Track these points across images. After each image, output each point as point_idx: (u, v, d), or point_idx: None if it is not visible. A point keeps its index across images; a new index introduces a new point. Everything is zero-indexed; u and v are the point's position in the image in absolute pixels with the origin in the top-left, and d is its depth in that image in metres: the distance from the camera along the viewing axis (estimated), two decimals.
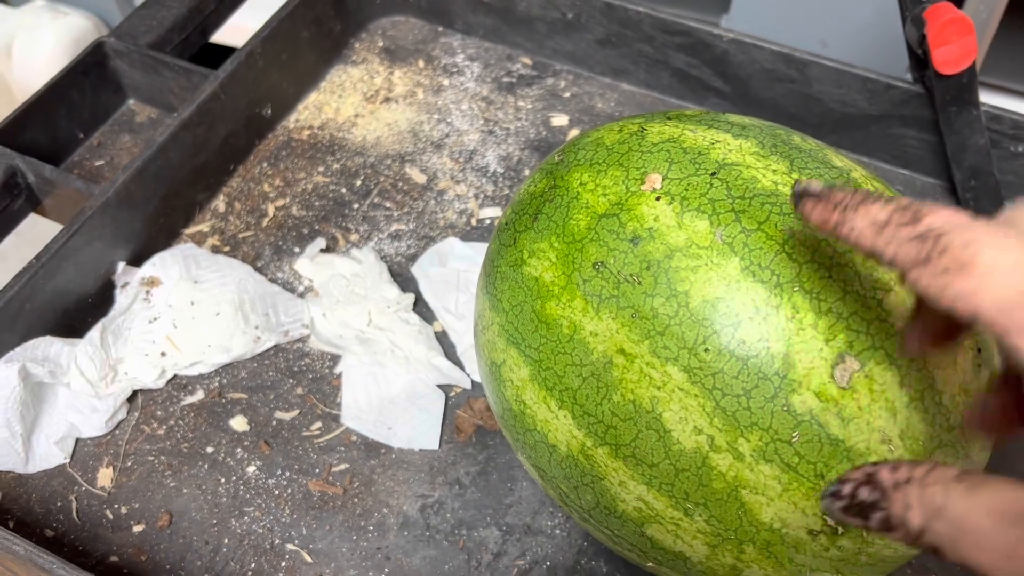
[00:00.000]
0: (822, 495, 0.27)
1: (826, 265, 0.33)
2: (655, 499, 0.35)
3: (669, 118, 0.40)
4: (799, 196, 0.29)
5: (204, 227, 0.60)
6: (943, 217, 0.25)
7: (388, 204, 0.62)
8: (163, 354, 0.53)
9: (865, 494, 0.26)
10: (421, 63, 0.71)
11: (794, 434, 0.32)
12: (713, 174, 0.35)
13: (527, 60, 0.71)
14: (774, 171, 0.35)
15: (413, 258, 0.59)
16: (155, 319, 0.54)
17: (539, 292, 0.37)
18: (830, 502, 0.27)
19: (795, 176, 0.35)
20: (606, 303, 0.35)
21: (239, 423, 0.52)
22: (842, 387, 0.32)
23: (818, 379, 0.32)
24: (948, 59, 0.54)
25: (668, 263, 0.34)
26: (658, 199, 0.35)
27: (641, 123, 0.40)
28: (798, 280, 0.33)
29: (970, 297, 0.24)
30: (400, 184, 0.63)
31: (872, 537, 0.34)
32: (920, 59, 0.57)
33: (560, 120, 0.67)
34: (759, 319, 0.32)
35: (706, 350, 0.33)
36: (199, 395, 0.53)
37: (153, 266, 0.56)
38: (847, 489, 0.26)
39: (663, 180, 0.36)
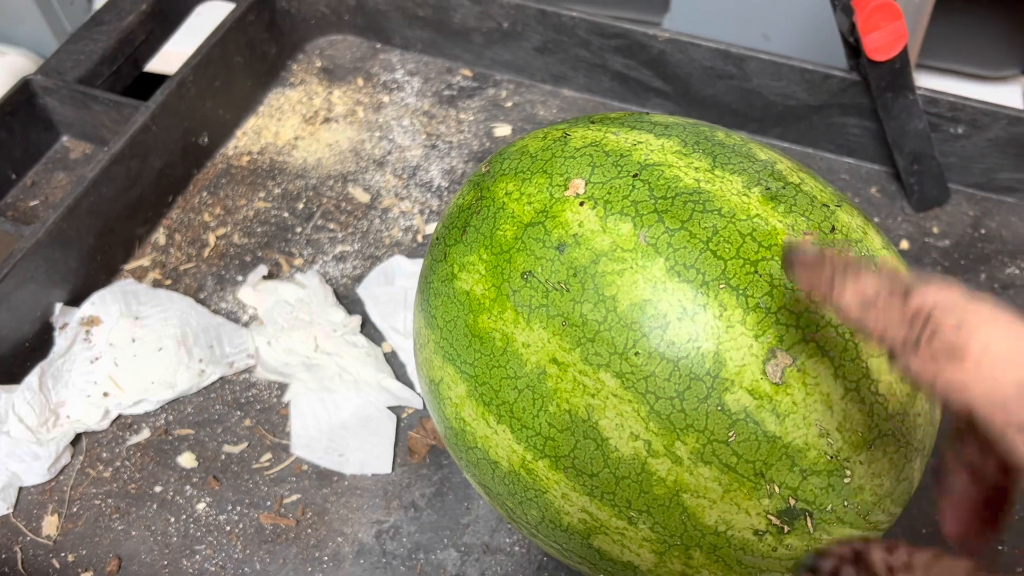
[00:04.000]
0: (798, 566, 0.24)
1: (752, 260, 0.32)
2: (598, 509, 0.34)
3: (592, 122, 0.39)
4: (789, 261, 0.27)
5: (145, 261, 0.59)
6: (933, 294, 0.22)
7: (332, 226, 0.61)
8: (106, 394, 0.52)
9: (850, 575, 0.23)
10: (360, 81, 0.70)
11: (730, 434, 0.32)
12: (635, 175, 0.35)
13: (467, 72, 0.70)
14: (696, 168, 0.35)
15: (359, 279, 0.58)
16: (96, 359, 0.53)
17: (471, 306, 0.36)
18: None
19: (718, 172, 0.35)
20: (536, 313, 0.34)
21: (187, 460, 0.51)
22: (775, 383, 0.31)
23: (750, 376, 0.31)
24: (879, 45, 0.54)
25: (594, 268, 0.33)
26: (582, 204, 0.35)
27: (565, 128, 0.39)
28: (724, 277, 0.32)
29: (961, 390, 0.21)
30: (343, 204, 0.62)
31: (820, 534, 0.33)
32: (853, 47, 0.57)
33: (503, 130, 0.67)
34: (687, 319, 0.32)
35: (636, 354, 0.32)
36: (145, 434, 0.52)
37: (92, 305, 0.55)
38: (828, 565, 0.23)
39: (586, 185, 0.35)
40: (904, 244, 0.60)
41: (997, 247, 0.60)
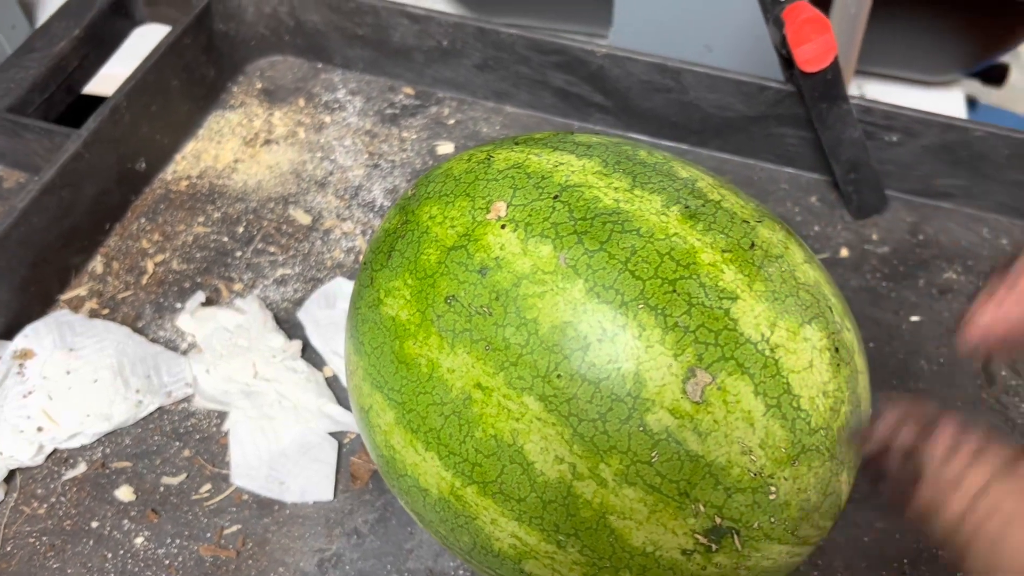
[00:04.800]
0: (855, 428, 0.22)
1: (670, 279, 0.32)
2: (527, 534, 0.34)
3: (516, 143, 0.39)
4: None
5: (81, 291, 0.58)
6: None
7: (272, 249, 0.60)
8: (40, 429, 0.51)
9: (908, 437, 0.21)
10: (301, 102, 0.69)
11: (653, 454, 0.31)
12: (556, 197, 0.35)
13: (409, 90, 0.70)
14: (616, 188, 0.35)
15: (300, 303, 0.57)
16: (29, 393, 0.52)
17: (396, 332, 0.36)
18: (859, 438, 0.23)
19: (637, 192, 0.35)
20: (460, 337, 0.34)
21: (125, 493, 0.50)
22: (695, 401, 0.31)
23: (671, 396, 0.31)
24: (810, 57, 0.54)
25: (516, 291, 0.33)
26: (503, 227, 0.35)
27: (489, 151, 0.39)
28: (642, 297, 0.32)
29: None
30: (284, 227, 0.61)
31: (748, 551, 0.33)
32: (786, 59, 0.58)
33: (446, 148, 0.66)
34: (607, 340, 0.32)
35: (559, 376, 0.32)
36: (81, 468, 0.51)
37: (25, 338, 0.54)
38: (883, 428, 0.22)
39: (507, 207, 0.35)
40: (844, 252, 0.60)
41: (935, 252, 0.61)
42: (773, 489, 0.32)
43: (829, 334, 0.34)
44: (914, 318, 0.57)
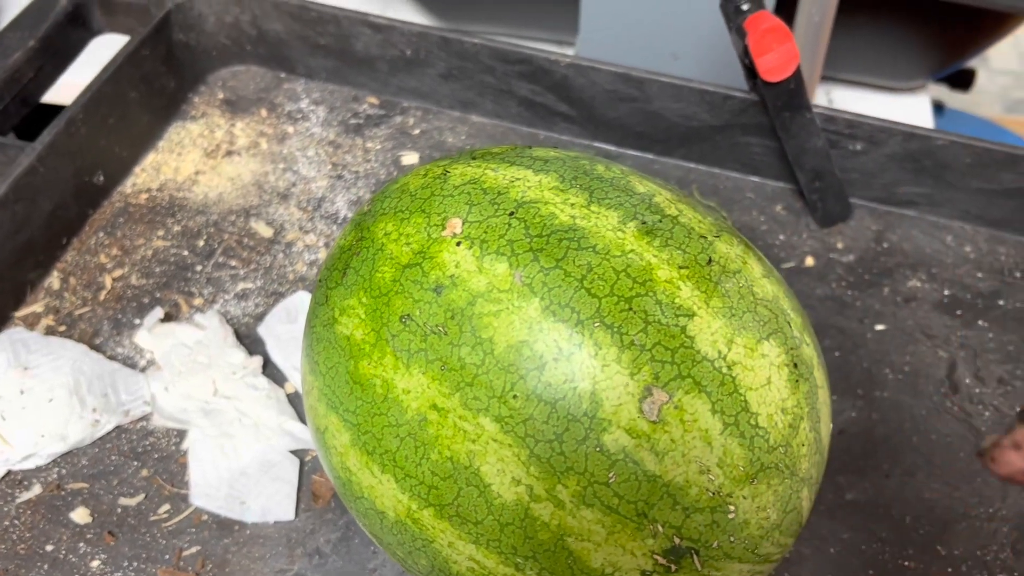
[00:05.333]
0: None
1: (626, 297, 0.32)
2: (485, 557, 0.33)
3: (474, 157, 0.39)
4: None
5: (37, 307, 0.57)
6: None
7: (233, 262, 0.59)
8: None
9: None
10: (264, 112, 0.68)
11: (611, 475, 0.31)
12: (511, 214, 0.34)
13: (374, 100, 0.69)
14: (572, 205, 0.35)
15: (261, 318, 0.56)
16: None
17: (351, 352, 0.35)
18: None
19: (594, 208, 0.35)
20: (415, 357, 0.33)
21: (80, 515, 0.49)
22: (652, 421, 0.31)
23: (627, 415, 0.31)
24: (772, 67, 0.54)
25: (471, 310, 0.33)
26: (459, 244, 0.34)
27: (446, 165, 0.38)
28: (598, 315, 0.32)
29: None
30: (245, 240, 0.61)
31: (709, 570, 0.33)
32: (749, 68, 0.58)
33: (411, 158, 0.66)
34: (563, 360, 0.31)
35: (514, 397, 0.32)
36: (36, 490, 0.50)
37: None
38: None
39: (463, 224, 0.35)
40: (810, 260, 0.60)
41: (899, 260, 0.61)
42: (732, 508, 0.32)
43: (788, 349, 0.34)
44: (879, 327, 0.57)
